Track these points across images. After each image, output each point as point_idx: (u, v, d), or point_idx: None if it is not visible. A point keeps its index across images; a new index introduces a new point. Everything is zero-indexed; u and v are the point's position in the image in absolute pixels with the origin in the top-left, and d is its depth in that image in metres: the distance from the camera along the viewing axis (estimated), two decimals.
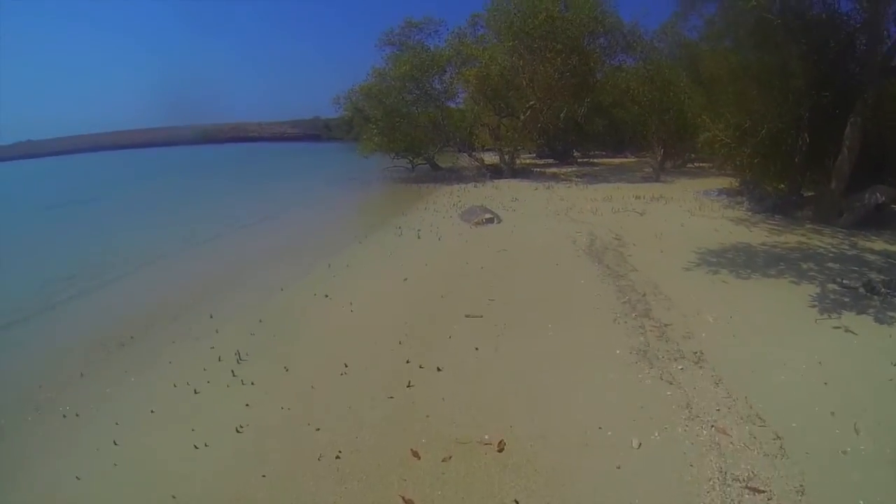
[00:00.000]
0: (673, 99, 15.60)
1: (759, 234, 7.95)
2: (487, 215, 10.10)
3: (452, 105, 20.33)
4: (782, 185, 9.79)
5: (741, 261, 6.35)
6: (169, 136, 71.75)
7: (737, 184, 12.33)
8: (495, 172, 18.33)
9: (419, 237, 9.02)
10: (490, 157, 20.91)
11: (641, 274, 5.93)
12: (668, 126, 16.54)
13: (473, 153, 19.36)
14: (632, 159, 23.50)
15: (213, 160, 40.03)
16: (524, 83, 16.02)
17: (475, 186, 16.02)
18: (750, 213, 9.82)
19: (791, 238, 7.63)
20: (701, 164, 19.19)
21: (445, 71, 18.15)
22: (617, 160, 23.43)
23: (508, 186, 15.61)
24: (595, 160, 23.79)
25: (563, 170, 20.14)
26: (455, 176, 19.11)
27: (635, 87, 16.54)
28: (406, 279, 6.38)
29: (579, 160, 23.46)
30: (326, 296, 5.91)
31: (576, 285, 5.77)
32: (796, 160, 9.91)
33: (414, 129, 19.13)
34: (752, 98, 9.14)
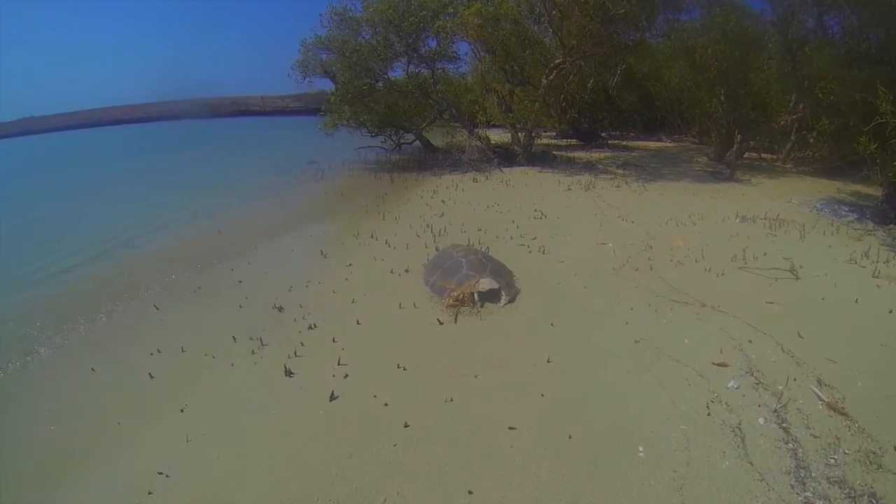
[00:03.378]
0: (758, 68, 11.08)
1: None
2: (485, 282, 4.71)
3: (451, 70, 15.43)
4: None
5: None
6: (167, 110, 68.43)
7: (863, 192, 8.02)
8: (505, 157, 13.72)
9: (290, 375, 3.68)
10: (497, 135, 16.28)
11: None
12: (743, 104, 12.05)
13: (475, 130, 14.61)
14: (669, 144, 18.94)
15: (191, 136, 35.53)
16: (552, 31, 11.31)
17: (475, 180, 11.52)
18: None
19: None
20: (764, 156, 14.62)
21: (439, 18, 13.11)
22: (653, 144, 18.78)
23: (526, 182, 11.11)
24: (626, 143, 19.14)
25: (593, 154, 15.43)
26: (448, 161, 14.14)
27: (702, 48, 11.84)
28: None
29: (609, 142, 18.79)
30: None
31: None
32: None
33: (398, 99, 14.40)
34: None
